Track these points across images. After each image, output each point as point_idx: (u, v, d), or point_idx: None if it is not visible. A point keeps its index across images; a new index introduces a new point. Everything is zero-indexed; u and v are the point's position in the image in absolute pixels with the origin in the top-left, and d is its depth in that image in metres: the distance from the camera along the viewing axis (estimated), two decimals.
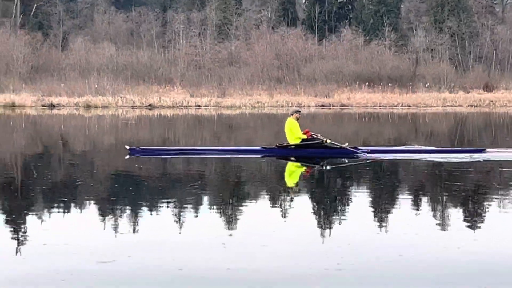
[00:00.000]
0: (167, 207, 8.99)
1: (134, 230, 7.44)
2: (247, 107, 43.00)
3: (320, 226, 7.77)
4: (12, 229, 7.51)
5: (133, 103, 43.21)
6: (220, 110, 43.16)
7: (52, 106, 43.58)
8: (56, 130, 26.63)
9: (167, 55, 72.32)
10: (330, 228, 7.58)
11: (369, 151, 15.19)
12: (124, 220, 7.96)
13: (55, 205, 9.13)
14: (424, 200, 9.75)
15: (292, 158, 14.98)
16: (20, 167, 14.38)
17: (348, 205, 9.23)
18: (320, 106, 46.78)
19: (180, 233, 7.39)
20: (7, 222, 7.86)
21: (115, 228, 7.51)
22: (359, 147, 15.46)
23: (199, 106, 45.02)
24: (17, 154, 17.30)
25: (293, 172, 13.87)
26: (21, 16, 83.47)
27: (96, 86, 46.61)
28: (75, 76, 61.73)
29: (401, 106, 48.65)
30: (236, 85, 53.34)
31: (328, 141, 15.11)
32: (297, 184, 11.92)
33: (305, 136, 15.30)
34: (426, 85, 56.98)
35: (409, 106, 47.90)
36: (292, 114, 15.47)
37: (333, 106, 47.25)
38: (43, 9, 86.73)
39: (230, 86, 51.82)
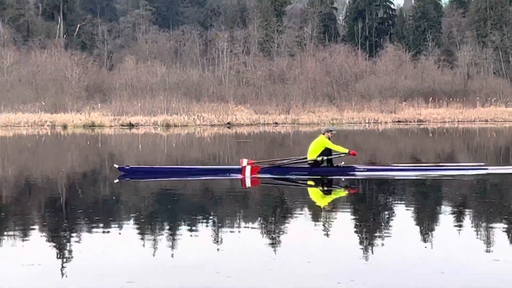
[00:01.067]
0: (204, 227, 9.02)
1: (173, 251, 7.46)
2: (325, 124, 43.01)
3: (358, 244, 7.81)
4: (54, 249, 7.70)
5: (211, 121, 43.38)
6: (298, 127, 43.20)
7: (131, 125, 43.75)
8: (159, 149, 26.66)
9: (216, 73, 72.62)
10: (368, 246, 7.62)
11: (366, 169, 15.17)
12: (162, 242, 8.00)
13: (97, 224, 9.19)
14: (435, 219, 9.55)
15: (284, 177, 14.87)
16: (90, 185, 14.62)
17: (382, 223, 9.24)
18: (397, 122, 46.79)
19: (220, 253, 7.39)
20: (49, 241, 8.11)
21: (154, 249, 7.57)
22: (356, 166, 15.34)
23: (276, 123, 45.13)
24: (93, 174, 17.39)
25: (310, 192, 13.68)
26: (64, 36, 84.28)
27: (173, 105, 46.80)
28: (130, 95, 62.31)
29: (478, 121, 48.54)
30: (297, 102, 53.42)
31: (324, 158, 15.01)
32: (318, 204, 11.83)
33: (345, 151, 15.17)
34: (493, 100, 56.91)
35: (486, 121, 47.84)
36: (324, 133, 15.49)
37: (409, 122, 47.18)
38: (85, 29, 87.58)
39: (285, 103, 51.85)
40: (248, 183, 14.17)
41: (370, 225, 9.04)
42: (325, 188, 13.96)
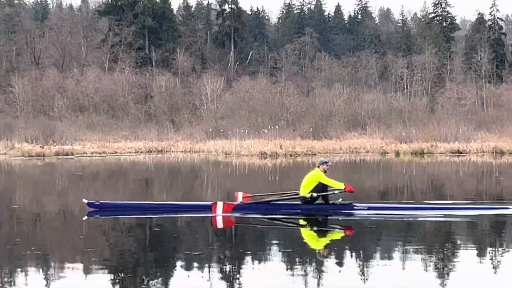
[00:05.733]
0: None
1: None
2: None
3: None
4: None
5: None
6: None
7: (459, 152, 42.84)
8: None
9: (413, 99, 71.93)
10: None
11: (366, 207, 14.05)
12: None
13: None
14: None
15: (273, 216, 13.74)
16: None
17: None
18: None
19: None
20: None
21: None
22: (355, 204, 14.11)
23: None
24: None
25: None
26: (236, 64, 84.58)
27: (460, 131, 45.93)
28: (345, 122, 62.08)
29: None
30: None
31: (314, 194, 13.80)
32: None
33: (342, 186, 13.86)
34: None
35: None
36: (319, 166, 14.26)
37: None
38: (254, 56, 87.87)
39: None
40: (219, 222, 13.06)
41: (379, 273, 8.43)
42: (318, 229, 13.00)
